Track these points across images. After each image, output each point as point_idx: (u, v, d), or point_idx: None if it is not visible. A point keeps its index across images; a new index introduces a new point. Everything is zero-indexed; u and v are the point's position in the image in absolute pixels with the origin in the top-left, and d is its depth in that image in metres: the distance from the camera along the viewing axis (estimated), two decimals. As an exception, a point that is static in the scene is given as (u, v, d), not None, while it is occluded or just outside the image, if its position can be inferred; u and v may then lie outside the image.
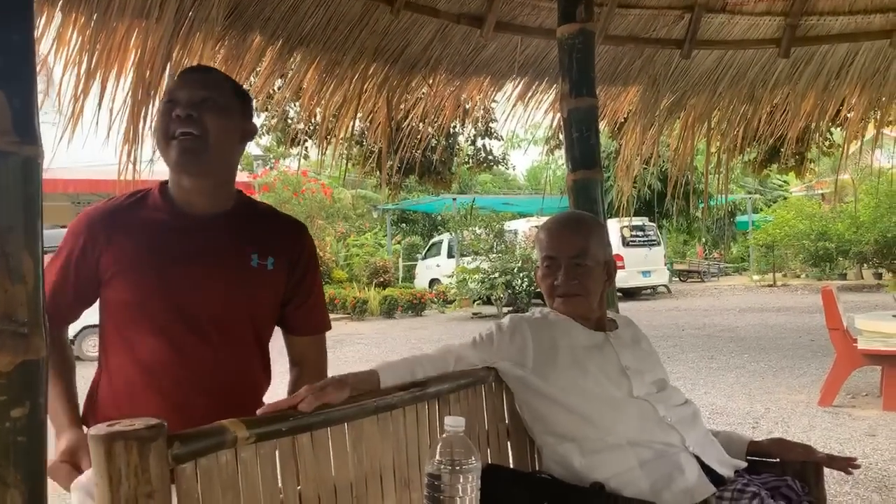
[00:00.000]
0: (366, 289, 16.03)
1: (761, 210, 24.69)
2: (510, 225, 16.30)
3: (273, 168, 14.00)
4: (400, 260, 20.72)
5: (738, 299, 16.06)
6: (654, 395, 1.68)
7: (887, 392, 5.32)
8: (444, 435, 1.31)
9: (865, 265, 17.83)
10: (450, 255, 18.24)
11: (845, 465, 1.70)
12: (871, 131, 3.96)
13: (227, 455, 1.17)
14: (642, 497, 1.50)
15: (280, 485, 1.24)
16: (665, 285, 18.56)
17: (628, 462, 1.55)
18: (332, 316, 1.68)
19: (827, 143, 7.89)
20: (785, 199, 22.99)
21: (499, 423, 1.73)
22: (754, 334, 9.88)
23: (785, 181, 25.82)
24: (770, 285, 19.25)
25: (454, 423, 1.31)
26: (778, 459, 1.75)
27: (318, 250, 1.62)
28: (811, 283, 19.09)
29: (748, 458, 1.74)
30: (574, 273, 1.68)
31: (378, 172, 7.93)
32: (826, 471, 1.73)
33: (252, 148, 18.67)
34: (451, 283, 15.61)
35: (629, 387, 1.65)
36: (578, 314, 1.72)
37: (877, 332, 6.70)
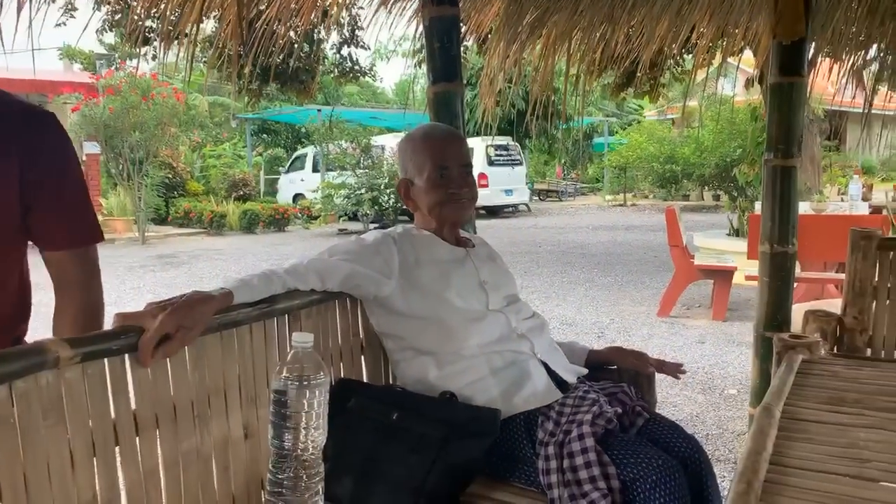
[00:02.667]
0: (224, 202, 15.39)
1: (617, 133, 25.84)
2: (377, 140, 16.09)
3: (119, 69, 12.83)
4: (261, 173, 20.01)
5: (592, 218, 16.91)
6: (507, 308, 1.72)
7: (716, 303, 5.84)
8: (291, 351, 1.28)
9: (706, 187, 19.24)
10: (315, 170, 17.81)
11: (674, 370, 1.84)
12: (718, 59, 4.16)
13: (48, 377, 1.07)
14: (493, 404, 1.54)
15: (112, 406, 1.16)
16: (526, 204, 19.20)
17: (481, 371, 1.59)
18: (186, 231, 1.56)
19: (679, 69, 8.27)
20: (639, 122, 24.16)
21: (353, 337, 1.72)
22: (604, 251, 10.48)
23: (640, 105, 27.07)
24: (621, 205, 20.43)
25: (302, 338, 1.27)
26: (615, 367, 1.85)
27: (171, 161, 1.44)
28: (658, 203, 20.44)
29: (589, 365, 1.83)
30: (465, 180, 1.72)
31: (235, 79, 7.47)
32: (660, 375, 1.86)
33: (95, 46, 17.02)
34: (315, 199, 15.31)
35: (486, 300, 1.69)
36: (465, 220, 1.76)
37: (711, 249, 7.31)
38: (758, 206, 7.42)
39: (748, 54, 4.39)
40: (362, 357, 1.75)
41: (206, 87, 19.49)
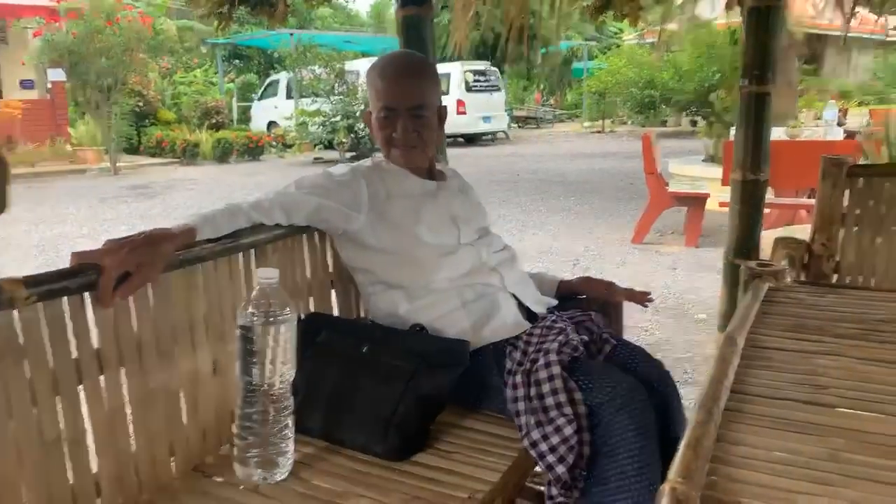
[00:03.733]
0: (197, 131, 15.07)
1: (597, 57, 25.43)
2: (352, 65, 15.67)
3: (81, -8, 12.30)
4: (234, 100, 19.54)
5: (570, 145, 16.82)
6: (478, 242, 1.71)
7: (689, 230, 5.89)
8: (257, 287, 1.26)
9: (685, 113, 19.14)
10: (288, 96, 17.41)
11: (642, 299, 1.85)
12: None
13: (3, 317, 1.05)
14: (463, 335, 1.55)
15: (73, 345, 1.14)
16: (504, 131, 19.00)
17: (452, 304, 1.59)
18: (159, 160, 1.52)
19: (659, -8, 8.07)
20: (618, 47, 23.76)
21: (322, 272, 1.70)
22: (581, 179, 10.46)
23: (619, 29, 26.56)
24: (599, 131, 20.30)
25: (267, 274, 1.26)
26: (584, 296, 1.86)
27: (140, 88, 1.37)
28: (636, 129, 20.29)
29: (559, 296, 1.84)
30: (413, 125, 1.64)
31: (203, 1, 7.17)
32: (631, 304, 1.88)
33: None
34: (290, 127, 15.04)
35: (458, 234, 1.67)
36: (414, 166, 1.69)
37: (686, 176, 7.32)
38: (734, 132, 7.42)
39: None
40: (332, 291, 1.73)
41: (172, 11, 18.80)
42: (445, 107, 1.75)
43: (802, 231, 3.94)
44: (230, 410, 1.41)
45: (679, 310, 4.20)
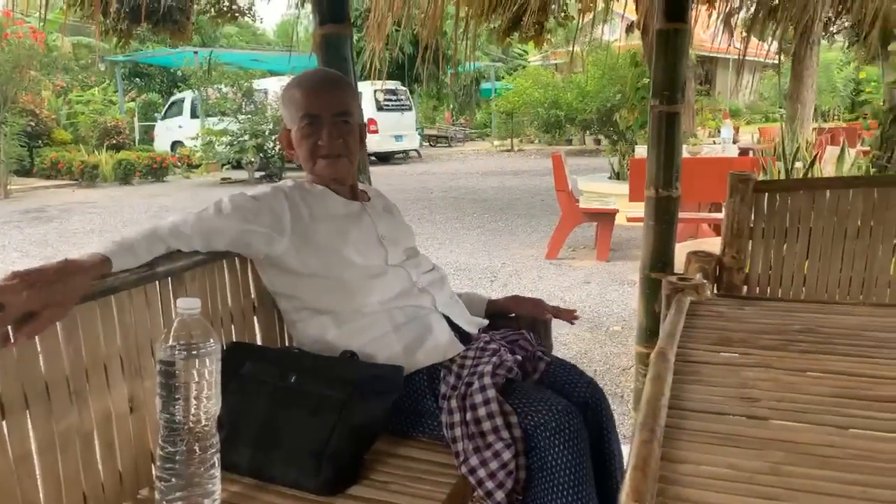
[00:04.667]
0: (96, 152, 14.41)
1: (503, 78, 26.00)
2: (260, 84, 15.40)
3: (-35, 6, 11.56)
4: (135, 119, 18.83)
5: (482, 163, 17.05)
6: (407, 263, 1.68)
7: (599, 245, 6.05)
8: (177, 318, 1.18)
9: (588, 132, 19.78)
10: (193, 115, 16.90)
11: (569, 316, 1.87)
12: (601, 5, 4.19)
13: None
14: (395, 360, 1.51)
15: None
16: (416, 150, 19.08)
17: (383, 327, 1.55)
18: (54, 182, 1.41)
19: (563, 15, 8.32)
20: (524, 68, 24.38)
21: (244, 299, 1.63)
22: (494, 196, 10.60)
23: (525, 50, 27.29)
24: (508, 150, 20.70)
25: (188, 304, 1.18)
26: (514, 315, 1.86)
27: (33, 107, 1.28)
28: (543, 147, 20.83)
29: (489, 315, 1.83)
30: (339, 132, 1.60)
31: (102, 18, 6.86)
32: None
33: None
34: (195, 146, 14.61)
35: (386, 255, 1.64)
36: (341, 177, 1.65)
37: (594, 193, 7.53)
38: (638, 150, 7.68)
39: (629, 1, 4.45)
40: (255, 319, 1.66)
41: (66, 27, 17.95)
42: (366, 124, 1.72)
43: (707, 244, 4.11)
44: (149, 451, 1.31)
45: (594, 322, 4.29)
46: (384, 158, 17.43)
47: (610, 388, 3.25)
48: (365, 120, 1.76)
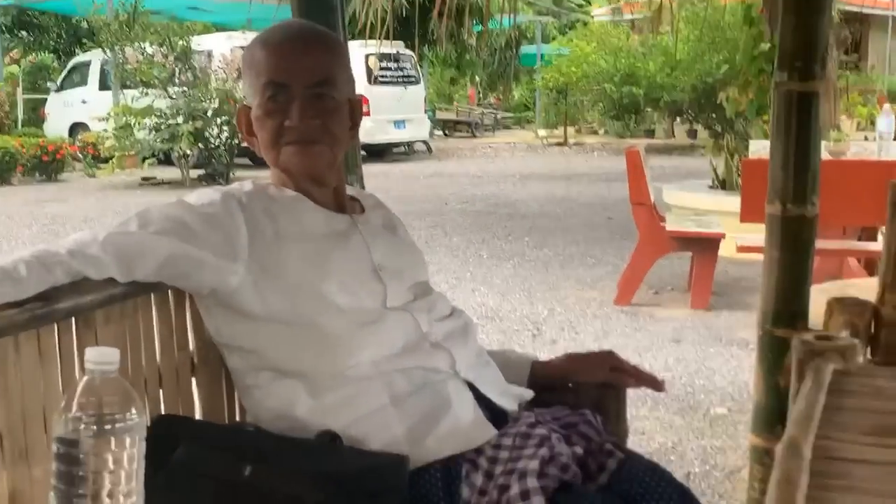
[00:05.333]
0: (-44, 137, 14.67)
1: (554, 39, 26.29)
2: (202, 42, 15.64)
3: None
4: (19, 91, 19.16)
5: (519, 162, 17.16)
6: (414, 305, 1.69)
7: (696, 285, 6.04)
8: (84, 377, 1.20)
9: (679, 119, 19.88)
10: (103, 86, 17.18)
11: (654, 383, 1.87)
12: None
13: None
14: (396, 448, 1.51)
15: None
16: (425, 141, 19.30)
17: (377, 399, 1.56)
18: None
19: (644, -51, 8.42)
20: (585, 24, 24.63)
21: (179, 351, 1.66)
22: (538, 210, 10.63)
23: (587, 0, 27.55)
24: (560, 143, 20.85)
25: (100, 357, 1.20)
26: (571, 383, 1.86)
27: None
28: (611, 141, 20.96)
29: (535, 383, 1.83)
30: (314, 108, 1.63)
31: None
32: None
33: None
34: (105, 131, 14.79)
35: (383, 294, 1.65)
36: (317, 172, 1.68)
37: (688, 209, 7.55)
38: (753, 146, 7.68)
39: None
40: (194, 381, 1.69)
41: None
42: (361, 99, 1.75)
43: (857, 287, 4.09)
44: (35, 572, 1.32)
45: (688, 401, 4.27)
46: (378, 153, 17.60)
47: (710, 500, 3.22)
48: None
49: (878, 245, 5.15)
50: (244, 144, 14.32)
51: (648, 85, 18.17)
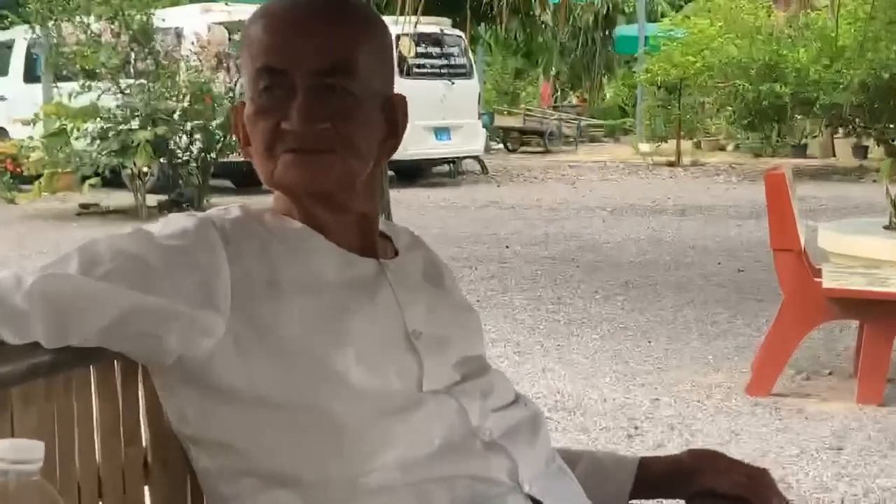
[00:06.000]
0: None
1: (663, 17, 26.30)
2: (168, 16, 15.82)
3: None
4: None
5: (612, 189, 17.13)
6: (461, 387, 1.69)
7: (866, 369, 5.96)
8: (-7, 480, 1.22)
9: (842, 130, 19.76)
10: (30, 77, 17.48)
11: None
12: None
13: None
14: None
15: None
16: (478, 158, 19.33)
17: (407, 519, 1.56)
18: None
19: None
20: (708, -3, 24.69)
21: (127, 447, 1.66)
22: (638, 258, 10.59)
23: (710, -37, 27.66)
24: (671, 163, 20.78)
25: (18, 453, 1.22)
26: (698, 490, 1.85)
27: None
28: (744, 160, 20.86)
29: (641, 493, 1.84)
30: (322, 105, 1.63)
31: None
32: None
33: None
34: (31, 139, 15.01)
35: (418, 371, 1.65)
36: (324, 189, 1.67)
37: (855, 258, 7.46)
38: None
39: None
40: (146, 490, 1.69)
41: None
42: (404, 97, 1.74)
43: None
44: None
45: (852, 535, 4.22)
46: (411, 174, 17.70)
47: None
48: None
49: None
50: (231, 158, 14.52)
51: (798, 81, 18.13)
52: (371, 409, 1.59)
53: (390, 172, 17.07)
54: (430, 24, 17.48)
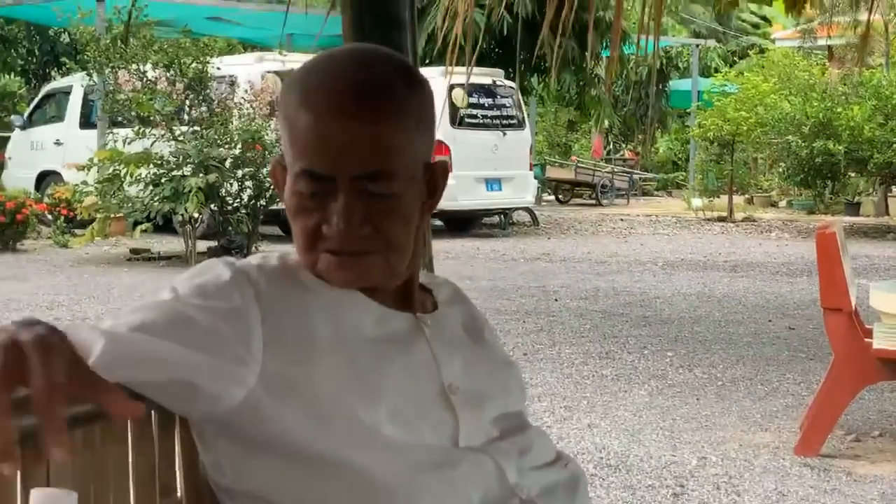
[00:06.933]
0: None
1: (717, 71, 26.29)
2: (223, 65, 15.94)
3: None
4: (-29, 127, 19.75)
5: (663, 244, 17.07)
6: (499, 445, 1.68)
7: (917, 430, 5.89)
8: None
9: (895, 187, 19.61)
10: (86, 123, 17.64)
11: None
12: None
13: None
14: None
15: None
16: (529, 209, 19.33)
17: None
18: None
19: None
20: (762, 51, 24.65)
21: (162, 498, 1.66)
22: (688, 313, 10.52)
23: (764, 18, 27.67)
24: (723, 219, 20.70)
25: (53, 502, 1.22)
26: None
27: None
28: (796, 217, 20.76)
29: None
30: (366, 209, 1.62)
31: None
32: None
33: None
34: (85, 184, 15.10)
35: (454, 427, 1.65)
36: (371, 285, 1.68)
37: (907, 319, 7.39)
38: None
39: None
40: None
41: None
42: (446, 163, 1.73)
43: None
44: None
45: None
46: (460, 224, 17.71)
47: None
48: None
49: None
50: (277, 206, 14.56)
51: (852, 139, 18.05)
52: (405, 464, 1.58)
53: (439, 222, 17.19)
54: (484, 76, 17.57)
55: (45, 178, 17.87)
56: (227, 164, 14.04)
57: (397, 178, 1.64)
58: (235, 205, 14.26)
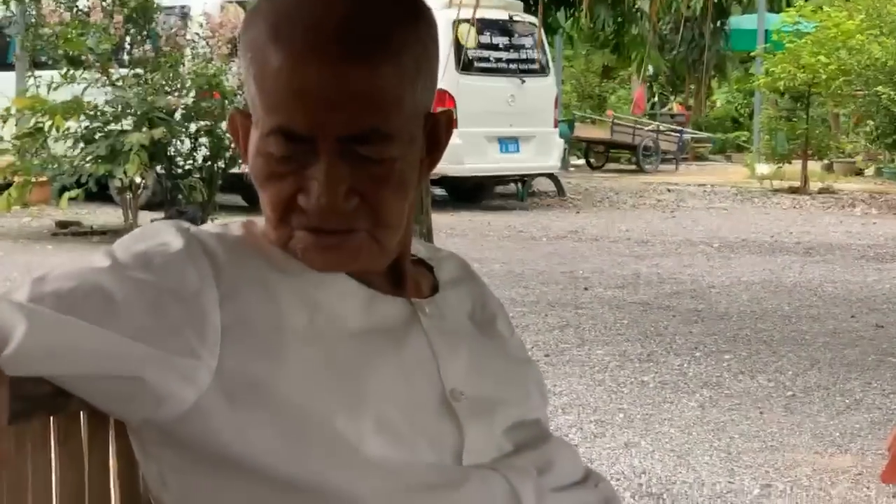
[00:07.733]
0: None
1: (789, 5, 26.23)
2: (171, -6, 15.98)
3: None
4: None
5: (720, 219, 17.08)
6: (512, 461, 1.68)
7: None
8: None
9: None
10: (1, 64, 17.63)
11: None
12: None
13: None
14: None
15: None
16: (554, 176, 19.29)
17: None
18: None
19: None
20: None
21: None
22: (750, 307, 10.55)
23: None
24: (795, 190, 20.69)
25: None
26: None
27: None
28: (887, 188, 20.72)
29: None
30: (354, 176, 1.61)
31: None
32: None
33: None
34: (0, 139, 15.14)
35: (457, 441, 1.65)
36: (356, 269, 1.68)
37: None
38: None
39: None
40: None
41: None
42: (450, 112, 1.72)
43: None
44: None
45: None
46: (468, 194, 17.71)
47: None
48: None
49: None
50: (238, 170, 14.47)
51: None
52: (396, 486, 1.58)
53: (442, 191, 17.14)
54: (497, 9, 17.48)
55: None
56: (178, 116, 14.11)
57: (394, 138, 1.62)
58: (187, 167, 14.30)
